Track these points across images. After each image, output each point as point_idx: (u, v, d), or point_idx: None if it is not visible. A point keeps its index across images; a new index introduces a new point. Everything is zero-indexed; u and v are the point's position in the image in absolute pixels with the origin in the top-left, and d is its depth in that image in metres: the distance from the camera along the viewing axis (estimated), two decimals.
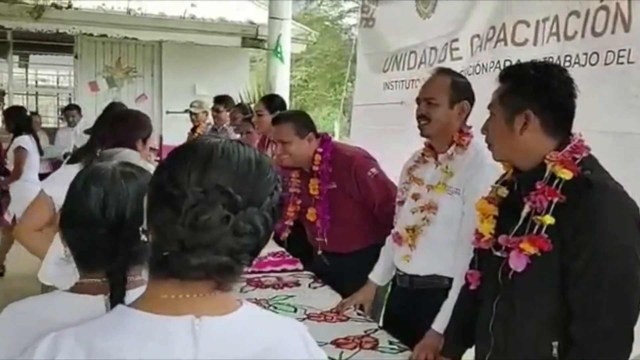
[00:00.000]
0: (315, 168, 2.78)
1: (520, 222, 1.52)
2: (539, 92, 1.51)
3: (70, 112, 7.01)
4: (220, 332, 0.82)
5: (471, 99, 2.22)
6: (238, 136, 4.64)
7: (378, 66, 4.17)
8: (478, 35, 3.16)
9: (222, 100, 5.42)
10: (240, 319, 0.85)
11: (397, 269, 2.39)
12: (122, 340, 0.79)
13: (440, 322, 2.02)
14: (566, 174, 1.44)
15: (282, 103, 4.10)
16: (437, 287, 2.18)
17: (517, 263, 1.47)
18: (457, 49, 3.36)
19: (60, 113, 10.32)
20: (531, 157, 1.54)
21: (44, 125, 9.83)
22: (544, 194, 1.45)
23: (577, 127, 1.59)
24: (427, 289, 2.22)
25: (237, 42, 7.96)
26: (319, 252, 2.85)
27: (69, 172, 1.59)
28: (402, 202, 2.37)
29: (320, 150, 2.79)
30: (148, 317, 0.81)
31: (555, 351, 1.46)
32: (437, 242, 2.19)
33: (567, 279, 1.43)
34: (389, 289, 2.55)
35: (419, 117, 2.22)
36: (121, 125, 2.60)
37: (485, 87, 1.78)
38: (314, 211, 2.79)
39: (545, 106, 1.52)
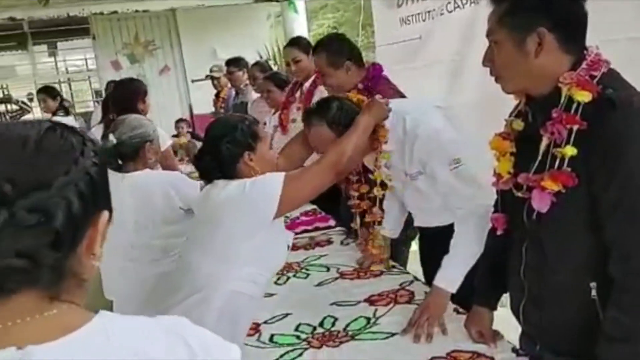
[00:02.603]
0: None
1: (539, 157, 1.33)
2: (548, 4, 1.29)
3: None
4: None
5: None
6: (258, 96, 4.52)
7: (393, 1, 3.96)
8: None
9: (231, 62, 5.29)
10: (85, 339, 0.68)
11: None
12: None
13: (443, 278, 1.84)
14: (584, 96, 1.24)
15: (308, 42, 3.71)
16: None
17: (540, 203, 1.30)
18: None
19: (96, 96, 10.45)
20: (548, 81, 1.32)
21: (83, 109, 10.03)
22: (562, 122, 1.26)
23: (604, 36, 1.39)
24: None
25: None
26: None
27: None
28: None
29: (361, 86, 2.47)
30: None
31: (594, 293, 1.31)
32: (429, 211, 2.19)
33: (600, 214, 1.25)
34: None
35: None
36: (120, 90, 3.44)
37: None
38: None
39: (558, 19, 1.29)
